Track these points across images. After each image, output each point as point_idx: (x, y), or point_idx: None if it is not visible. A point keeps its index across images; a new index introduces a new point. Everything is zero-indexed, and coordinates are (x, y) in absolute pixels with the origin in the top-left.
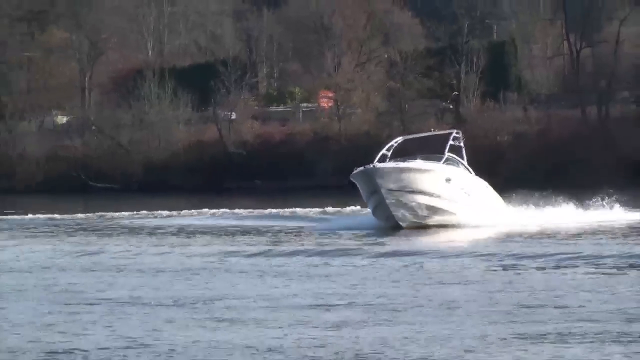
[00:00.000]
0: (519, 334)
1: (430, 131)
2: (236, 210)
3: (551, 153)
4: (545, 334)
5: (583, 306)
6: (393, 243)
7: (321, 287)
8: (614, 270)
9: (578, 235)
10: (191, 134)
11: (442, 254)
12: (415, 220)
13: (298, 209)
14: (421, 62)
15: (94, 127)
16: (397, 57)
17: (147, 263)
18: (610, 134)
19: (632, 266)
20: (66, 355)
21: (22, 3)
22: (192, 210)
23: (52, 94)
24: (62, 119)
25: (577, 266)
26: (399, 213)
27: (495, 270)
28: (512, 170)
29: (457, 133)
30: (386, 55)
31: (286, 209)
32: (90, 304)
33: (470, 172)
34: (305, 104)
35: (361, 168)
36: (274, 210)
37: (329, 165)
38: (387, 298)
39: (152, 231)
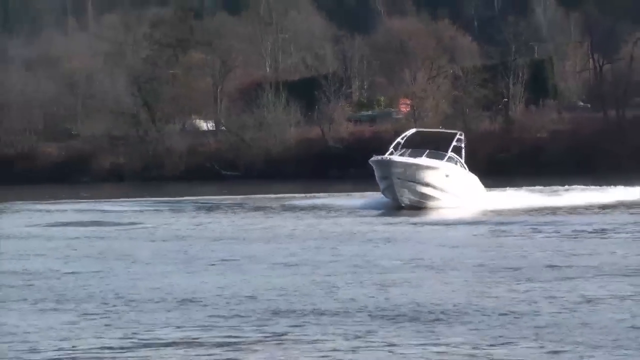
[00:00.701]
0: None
1: (439, 128)
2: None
3: (580, 146)
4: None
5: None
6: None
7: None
8: (555, 235)
9: (527, 212)
10: (300, 133)
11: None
12: (414, 203)
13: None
14: (478, 75)
15: (223, 128)
16: (460, 72)
17: (365, 233)
18: (625, 131)
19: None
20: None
21: (169, 32)
22: (333, 193)
23: (192, 102)
24: (200, 123)
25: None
26: (404, 197)
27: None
28: (549, 159)
29: (460, 135)
30: (451, 71)
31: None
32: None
33: (465, 168)
34: (388, 109)
35: (379, 157)
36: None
37: None
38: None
39: (311, 210)
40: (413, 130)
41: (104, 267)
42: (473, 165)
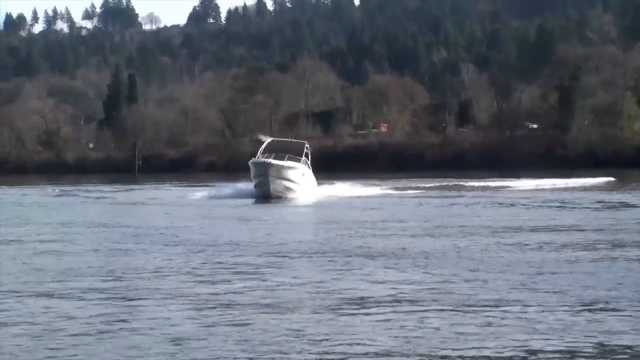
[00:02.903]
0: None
1: (290, 139)
2: None
3: (488, 153)
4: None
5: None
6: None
7: None
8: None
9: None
10: (320, 144)
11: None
12: (280, 195)
13: None
14: (428, 110)
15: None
16: (416, 107)
17: None
18: (516, 144)
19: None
20: None
21: (243, 83)
22: None
23: (256, 125)
24: (261, 137)
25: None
26: (274, 190)
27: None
28: (470, 161)
29: (307, 144)
30: (411, 107)
31: None
32: None
33: (310, 169)
34: (374, 130)
35: (258, 160)
36: None
37: None
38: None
39: None
40: (270, 139)
41: None
42: (419, 164)
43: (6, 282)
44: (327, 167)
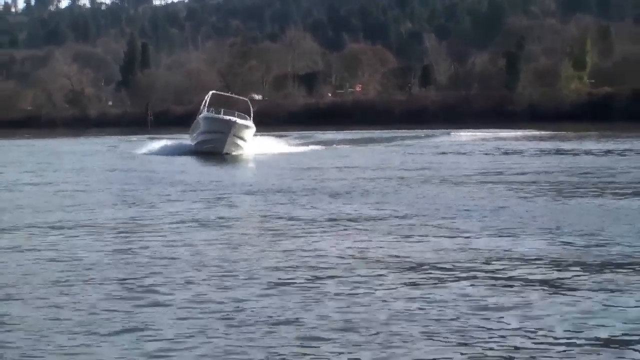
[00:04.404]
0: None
1: (230, 94)
2: None
3: (446, 109)
4: None
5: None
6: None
7: None
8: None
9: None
10: (305, 100)
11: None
12: (231, 151)
13: None
14: (396, 72)
15: (266, 98)
16: (386, 70)
17: None
18: (470, 101)
19: None
20: None
21: (239, 50)
22: None
23: (251, 85)
24: (255, 96)
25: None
26: (228, 146)
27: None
28: (432, 116)
29: (249, 101)
30: (382, 70)
31: None
32: None
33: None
34: (351, 89)
35: (217, 116)
36: None
37: None
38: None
39: None
40: (212, 92)
41: None
42: (388, 119)
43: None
44: (311, 122)
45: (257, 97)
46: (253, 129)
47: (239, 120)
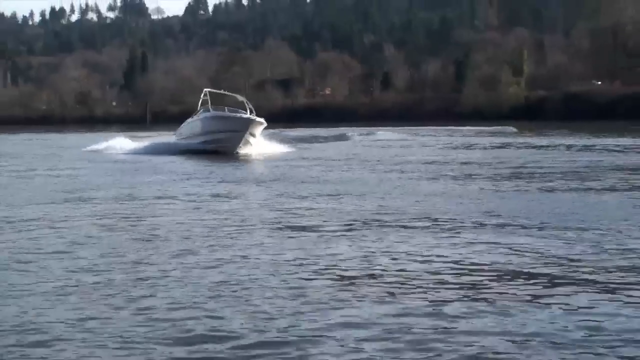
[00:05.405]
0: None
1: (223, 91)
2: None
3: (404, 109)
4: None
5: None
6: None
7: None
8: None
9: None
10: (281, 103)
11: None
12: (241, 149)
13: None
14: (360, 78)
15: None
16: (352, 76)
17: None
18: (424, 103)
19: None
20: None
21: (225, 57)
22: None
23: (234, 89)
24: (237, 97)
25: None
26: (241, 146)
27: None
28: (391, 116)
29: (244, 98)
30: (348, 76)
31: None
32: None
33: None
34: (322, 93)
35: (233, 114)
36: None
37: None
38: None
39: None
40: (206, 90)
41: None
42: (353, 118)
43: None
44: (287, 121)
45: (241, 98)
46: (265, 124)
47: (254, 117)
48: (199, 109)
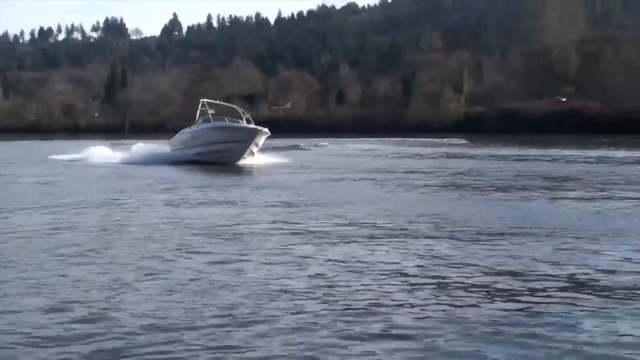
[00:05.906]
0: None
1: (219, 102)
2: None
3: (358, 124)
4: None
5: None
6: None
7: None
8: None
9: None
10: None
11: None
12: (244, 159)
13: None
14: (317, 93)
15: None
16: (310, 93)
17: None
18: (375, 117)
19: None
20: None
21: (198, 74)
22: None
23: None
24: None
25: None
26: (245, 156)
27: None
28: (346, 129)
29: (240, 109)
30: (307, 92)
31: None
32: None
33: None
34: (283, 106)
35: (238, 125)
36: None
37: None
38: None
39: None
40: (203, 100)
41: None
42: (312, 130)
43: None
44: None
45: (211, 111)
46: (269, 134)
47: (260, 127)
48: (197, 119)
